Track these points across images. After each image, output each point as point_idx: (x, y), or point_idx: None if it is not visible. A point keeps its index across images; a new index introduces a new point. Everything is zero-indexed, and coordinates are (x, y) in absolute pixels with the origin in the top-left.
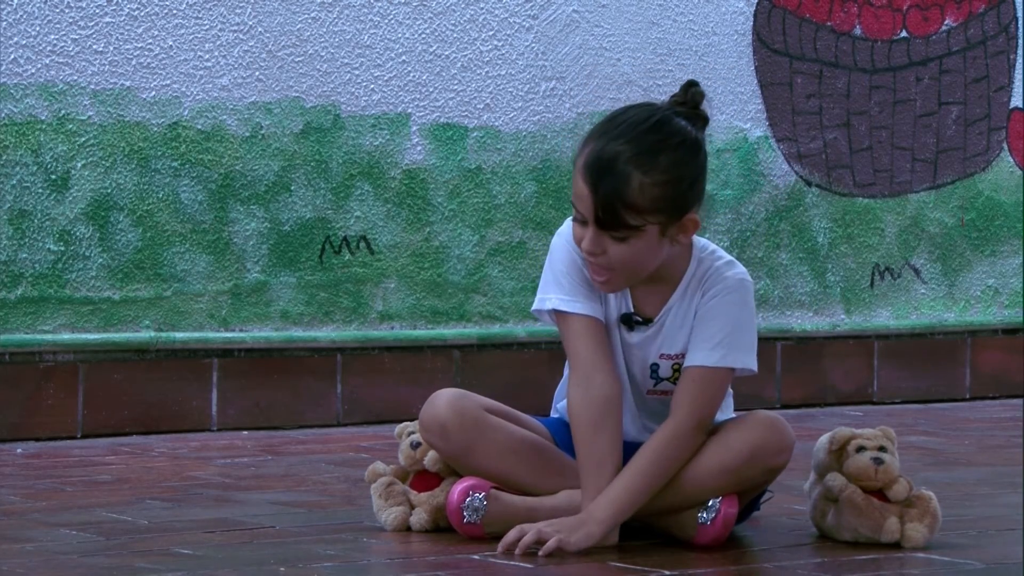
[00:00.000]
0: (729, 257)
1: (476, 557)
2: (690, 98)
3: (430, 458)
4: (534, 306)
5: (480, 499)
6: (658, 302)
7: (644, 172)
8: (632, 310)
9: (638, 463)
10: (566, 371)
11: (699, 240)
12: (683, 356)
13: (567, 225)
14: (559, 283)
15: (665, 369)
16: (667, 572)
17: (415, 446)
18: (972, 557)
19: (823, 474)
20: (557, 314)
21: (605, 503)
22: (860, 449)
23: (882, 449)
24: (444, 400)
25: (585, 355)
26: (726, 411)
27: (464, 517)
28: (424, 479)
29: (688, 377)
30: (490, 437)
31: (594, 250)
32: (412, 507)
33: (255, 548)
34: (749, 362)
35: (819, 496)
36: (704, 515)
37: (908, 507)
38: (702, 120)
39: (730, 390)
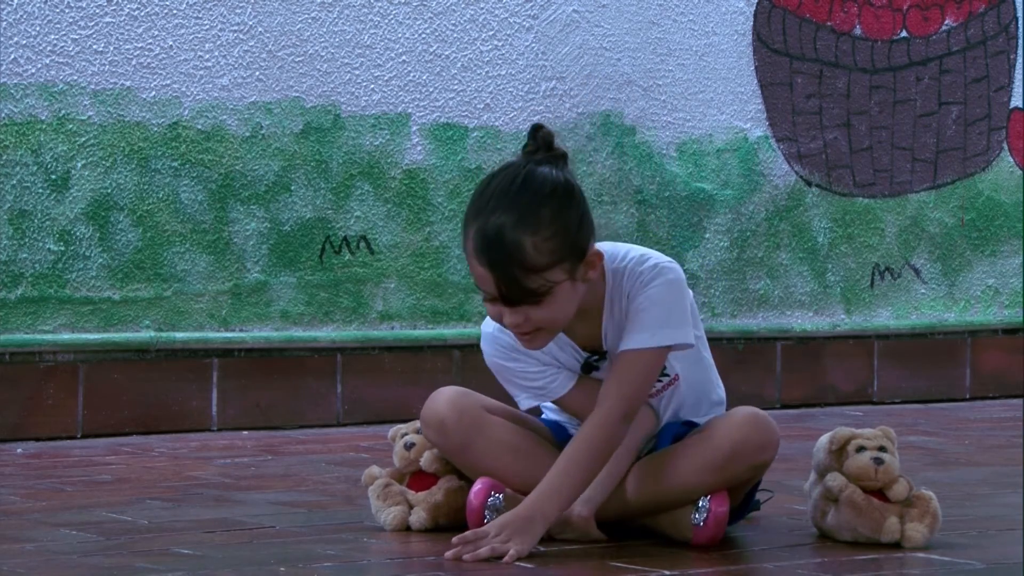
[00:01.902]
0: (640, 252)
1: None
2: (541, 142)
3: (426, 458)
4: (522, 407)
5: (500, 499)
6: (596, 332)
7: (533, 232)
8: (586, 356)
9: (573, 453)
10: None
11: (607, 251)
12: None
13: (487, 324)
14: (519, 385)
15: None
16: (667, 572)
17: (409, 447)
18: (972, 557)
19: (823, 474)
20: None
21: (550, 498)
22: (860, 449)
23: (882, 449)
24: (444, 397)
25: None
26: (717, 408)
27: (486, 518)
28: (420, 479)
29: (617, 363)
30: (488, 435)
31: (519, 322)
32: (410, 506)
33: (255, 548)
34: (680, 337)
35: (819, 496)
36: (696, 516)
37: (908, 507)
38: (562, 158)
39: (720, 384)
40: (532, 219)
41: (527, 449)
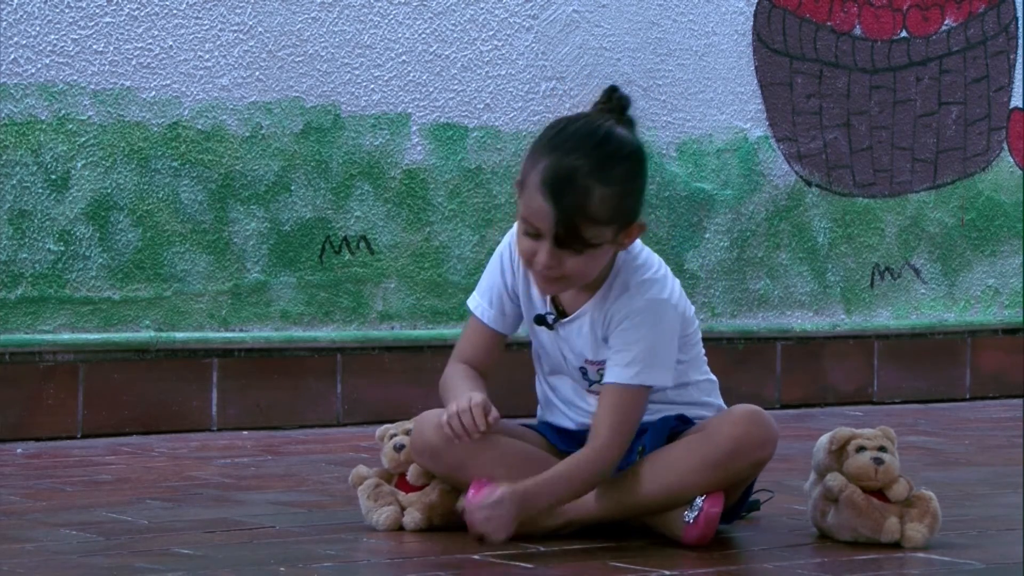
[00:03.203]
0: (648, 271)
1: (476, 557)
2: (616, 103)
3: (412, 472)
4: (469, 300)
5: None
6: (577, 304)
7: (604, 184)
8: (547, 310)
9: (568, 470)
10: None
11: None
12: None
13: (515, 230)
14: (488, 285)
15: (593, 374)
16: (667, 572)
17: (399, 448)
18: (972, 557)
19: (823, 474)
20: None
21: (530, 495)
22: (860, 449)
23: (882, 449)
24: (430, 424)
25: (465, 350)
26: (713, 396)
27: None
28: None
29: (606, 395)
30: (480, 453)
31: (551, 264)
32: (402, 507)
33: (255, 548)
34: (662, 380)
35: (819, 496)
36: (688, 514)
37: (908, 507)
38: (632, 125)
39: (714, 378)
40: (607, 172)
41: (521, 460)
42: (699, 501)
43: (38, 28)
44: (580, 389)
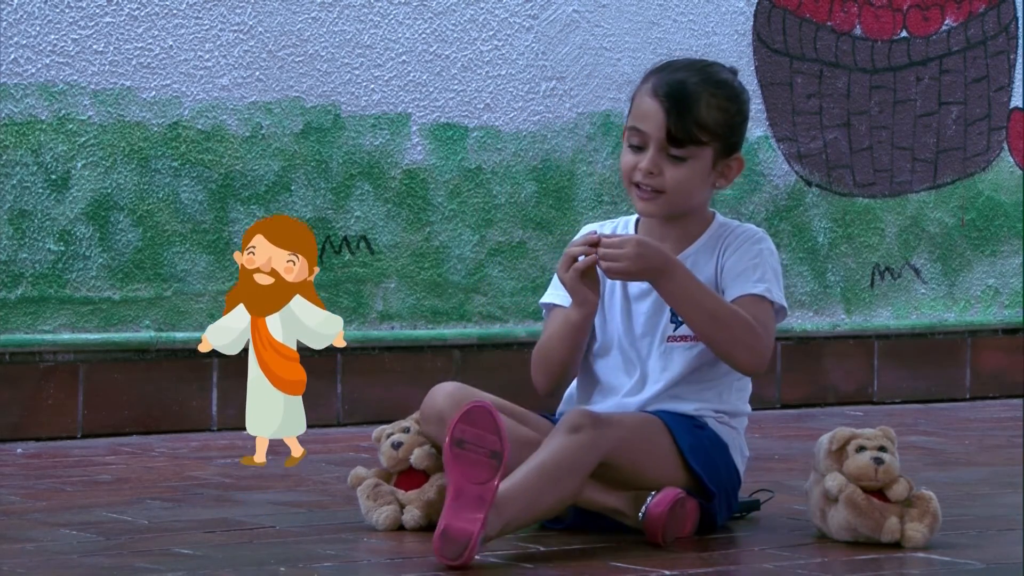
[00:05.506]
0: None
1: (476, 557)
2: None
3: (417, 455)
4: (544, 298)
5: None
6: (675, 252)
7: (711, 94)
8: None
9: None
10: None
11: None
12: None
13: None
14: (553, 283)
15: None
16: (667, 572)
17: (396, 446)
18: (972, 557)
19: (823, 474)
20: (546, 306)
21: (677, 264)
22: (860, 449)
23: (882, 449)
24: (444, 392)
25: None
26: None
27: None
28: (408, 478)
29: (747, 305)
30: None
31: (652, 169)
32: (401, 506)
33: (255, 548)
34: (784, 303)
35: (819, 496)
36: (641, 512)
37: (908, 507)
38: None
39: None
40: (715, 84)
41: (524, 446)
42: (649, 499)
43: (38, 28)
44: (633, 361)
